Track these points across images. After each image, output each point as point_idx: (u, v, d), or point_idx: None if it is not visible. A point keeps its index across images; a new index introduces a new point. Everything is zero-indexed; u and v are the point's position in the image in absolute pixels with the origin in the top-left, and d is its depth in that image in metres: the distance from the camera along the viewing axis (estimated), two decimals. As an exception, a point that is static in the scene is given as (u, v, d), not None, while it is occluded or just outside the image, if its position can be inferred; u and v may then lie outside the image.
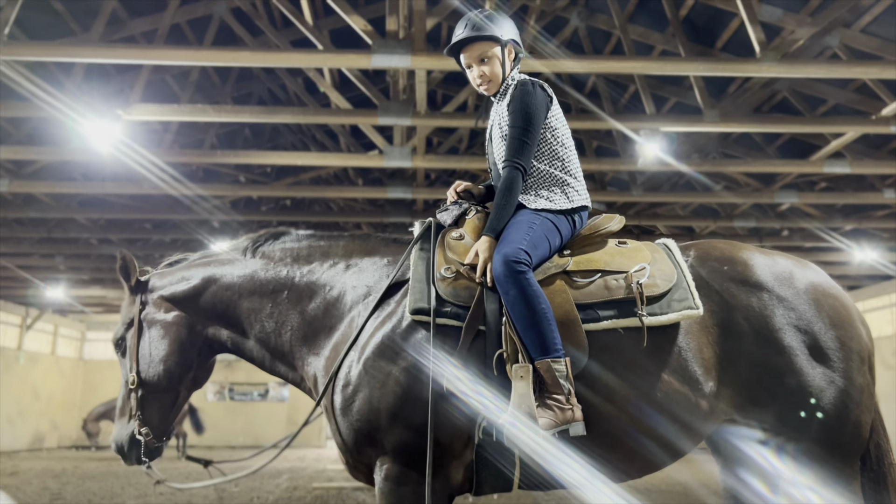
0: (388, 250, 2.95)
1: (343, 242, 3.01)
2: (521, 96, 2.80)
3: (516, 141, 2.76)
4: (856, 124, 9.11)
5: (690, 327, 2.63)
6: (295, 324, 2.86)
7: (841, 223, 13.67)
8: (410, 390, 2.52)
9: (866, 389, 2.70)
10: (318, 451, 23.91)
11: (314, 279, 2.91)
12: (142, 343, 2.94)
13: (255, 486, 12.15)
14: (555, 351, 2.45)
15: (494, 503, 9.65)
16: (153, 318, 2.98)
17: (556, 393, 2.43)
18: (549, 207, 2.77)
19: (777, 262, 2.83)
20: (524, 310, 2.46)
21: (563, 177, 2.83)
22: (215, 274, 3.01)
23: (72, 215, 12.94)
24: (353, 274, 2.88)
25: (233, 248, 3.10)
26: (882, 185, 12.05)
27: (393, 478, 2.52)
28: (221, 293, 2.96)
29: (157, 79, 10.82)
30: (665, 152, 9.56)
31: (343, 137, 11.83)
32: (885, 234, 15.20)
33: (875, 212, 13.85)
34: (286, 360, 2.91)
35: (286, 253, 3.00)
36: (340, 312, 2.81)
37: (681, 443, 2.65)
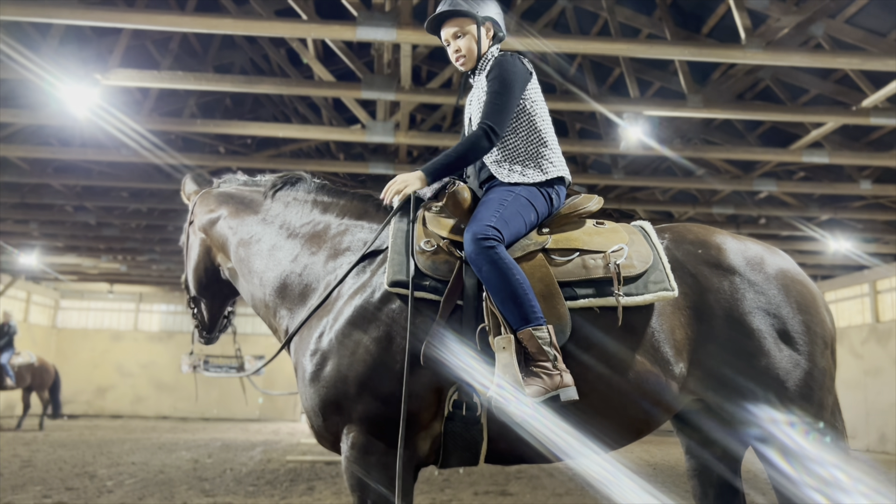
0: (378, 217, 2.97)
1: (343, 201, 3.07)
2: (499, 66, 2.82)
3: (490, 105, 2.77)
4: (836, 114, 9.19)
5: (664, 309, 2.66)
6: (278, 275, 2.93)
7: (817, 213, 13.83)
8: (381, 360, 2.53)
9: (828, 373, 2.78)
10: (293, 425, 23.97)
11: (309, 236, 2.97)
12: (189, 249, 3.40)
13: (229, 458, 12.16)
14: (535, 319, 2.46)
15: (462, 477, 9.75)
16: (192, 234, 3.38)
17: (541, 360, 2.45)
18: (521, 181, 2.78)
19: (749, 247, 2.87)
20: (499, 283, 2.48)
21: (539, 149, 2.85)
22: (229, 211, 3.23)
23: (47, 181, 12.74)
24: (338, 236, 2.90)
25: (259, 185, 3.28)
26: (859, 176, 12.20)
27: (359, 447, 2.53)
28: (225, 230, 3.20)
29: (137, 44, 10.61)
30: (648, 136, 9.58)
31: (325, 111, 11.70)
32: (859, 225, 15.41)
33: (851, 202, 14.03)
34: (267, 308, 3.00)
35: (293, 202, 3.11)
36: (318, 274, 2.83)
37: (648, 421, 2.70)
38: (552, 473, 10.65)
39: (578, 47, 7.62)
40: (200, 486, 8.68)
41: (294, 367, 2.76)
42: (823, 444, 2.63)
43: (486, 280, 2.52)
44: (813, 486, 2.56)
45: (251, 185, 3.30)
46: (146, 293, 28.38)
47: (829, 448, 2.63)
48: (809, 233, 14.75)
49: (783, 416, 2.62)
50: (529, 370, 2.46)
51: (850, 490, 2.57)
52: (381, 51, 8.34)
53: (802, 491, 2.57)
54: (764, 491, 8.56)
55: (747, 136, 12.45)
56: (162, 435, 17.61)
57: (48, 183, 13.20)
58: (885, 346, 18.73)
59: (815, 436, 2.63)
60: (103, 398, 26.70)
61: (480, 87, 2.90)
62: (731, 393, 2.65)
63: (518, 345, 2.49)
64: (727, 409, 2.67)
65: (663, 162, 13.50)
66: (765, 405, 2.62)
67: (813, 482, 2.57)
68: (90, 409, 26.57)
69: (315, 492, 8.32)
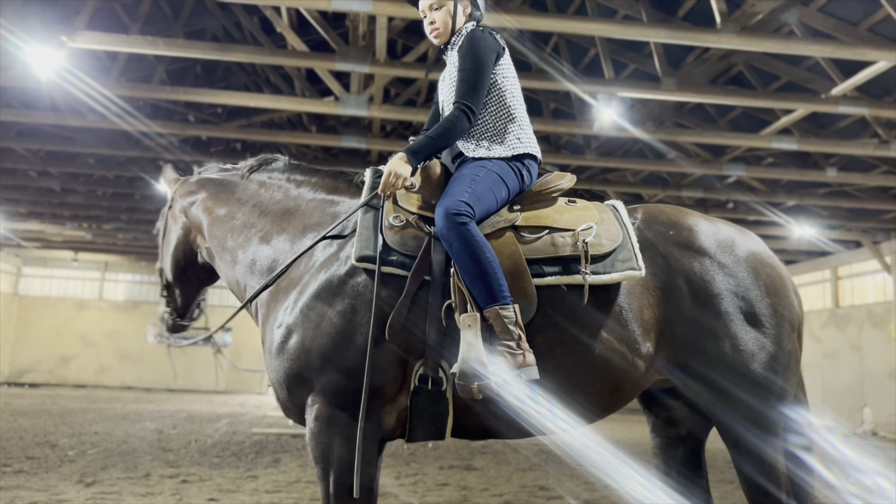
0: (349, 192, 2.95)
1: (315, 178, 3.06)
2: (470, 41, 2.81)
3: (464, 83, 2.76)
4: (806, 101, 9.32)
5: (633, 288, 2.68)
6: (248, 251, 2.94)
7: (784, 199, 14.07)
8: (345, 333, 2.53)
9: (793, 356, 2.82)
10: (259, 398, 23.93)
11: (282, 213, 2.97)
12: (165, 236, 3.34)
13: (194, 430, 12.12)
14: (502, 298, 2.47)
15: (428, 451, 9.83)
16: (171, 219, 3.33)
17: (506, 339, 2.46)
18: (489, 156, 2.77)
19: (720, 229, 2.90)
20: (469, 261, 2.48)
21: (507, 125, 2.84)
22: (208, 193, 3.20)
23: (9, 145, 12.42)
24: (307, 213, 2.90)
25: (238, 168, 3.28)
26: (826, 164, 12.42)
27: (323, 418, 2.53)
28: (201, 210, 3.19)
29: (105, 6, 10.34)
30: (621, 118, 9.63)
31: (298, 82, 11.55)
32: (824, 212, 15.72)
33: (817, 189, 14.29)
34: (238, 285, 3.01)
35: (269, 182, 3.11)
36: (285, 249, 2.84)
37: (614, 399, 2.73)
38: (517, 449, 10.79)
39: (555, 26, 7.60)
40: (164, 457, 8.63)
41: (262, 339, 2.75)
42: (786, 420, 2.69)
43: (455, 256, 2.52)
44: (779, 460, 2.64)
45: (230, 169, 3.31)
46: (112, 262, 27.97)
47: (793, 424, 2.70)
48: (775, 218, 15.01)
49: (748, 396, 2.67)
50: (494, 348, 2.48)
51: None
52: (356, 22, 8.24)
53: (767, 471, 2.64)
54: (722, 469, 8.78)
55: (719, 121, 12.58)
56: (126, 405, 17.46)
57: (11, 147, 12.88)
58: (844, 331, 19.22)
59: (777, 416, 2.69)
60: (66, 368, 26.36)
61: (452, 62, 2.89)
62: (697, 373, 2.69)
63: (484, 322, 2.50)
64: (692, 388, 2.71)
65: (635, 144, 13.59)
66: (729, 385, 2.66)
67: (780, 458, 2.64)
68: (52, 378, 26.23)
69: (280, 464, 8.33)
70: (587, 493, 7.14)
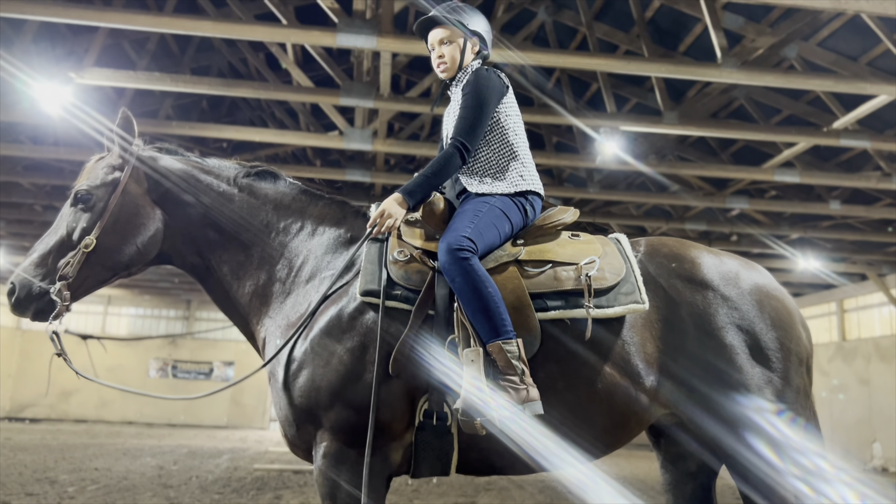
0: (355, 224, 2.93)
1: (321, 205, 2.98)
2: (475, 80, 2.84)
3: (463, 121, 2.78)
4: (808, 135, 9.35)
5: (635, 321, 2.67)
6: (258, 278, 2.84)
7: (787, 231, 14.05)
8: (353, 370, 2.52)
9: (803, 391, 2.77)
10: (261, 433, 23.72)
11: (285, 239, 2.88)
12: (115, 210, 2.81)
13: (195, 466, 11.99)
14: (505, 333, 2.46)
15: (432, 488, 9.70)
16: (135, 194, 2.86)
17: (509, 374, 2.44)
18: (492, 192, 2.78)
19: (724, 262, 2.88)
20: (471, 295, 2.47)
21: (510, 163, 2.86)
22: (199, 197, 2.91)
23: (16, 179, 12.50)
24: (317, 243, 2.86)
25: (220, 168, 3.02)
26: (829, 197, 12.42)
27: (332, 456, 2.52)
28: (197, 216, 2.89)
29: (114, 44, 10.49)
30: (623, 151, 9.67)
31: (303, 116, 11.66)
32: (828, 245, 15.68)
33: (821, 222, 14.27)
34: (243, 311, 2.88)
35: (269, 197, 2.97)
36: (299, 280, 2.79)
37: (618, 435, 2.70)
38: (522, 486, 10.64)
39: (557, 61, 7.67)
40: (165, 493, 8.53)
41: (268, 374, 2.72)
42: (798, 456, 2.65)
43: (458, 291, 2.52)
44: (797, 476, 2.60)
45: (213, 172, 3.00)
46: (115, 296, 27.94)
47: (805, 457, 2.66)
48: (780, 251, 14.97)
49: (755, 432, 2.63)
50: (497, 383, 2.46)
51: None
52: (360, 58, 8.33)
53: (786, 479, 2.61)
54: (731, 506, 8.62)
55: (721, 154, 12.63)
56: (127, 440, 17.31)
57: (17, 181, 12.97)
58: (851, 364, 19.04)
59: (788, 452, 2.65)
60: (67, 402, 26.19)
61: (456, 99, 2.92)
62: (703, 408, 2.66)
63: (487, 357, 2.49)
64: (698, 423, 2.67)
65: (638, 177, 13.63)
66: (735, 420, 2.63)
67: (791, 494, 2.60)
68: (53, 412, 26.05)
69: (282, 501, 8.22)
70: (593, 530, 7.02)
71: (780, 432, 2.66)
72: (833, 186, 12.41)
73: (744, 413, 2.64)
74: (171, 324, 28.59)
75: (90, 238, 2.74)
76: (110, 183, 2.85)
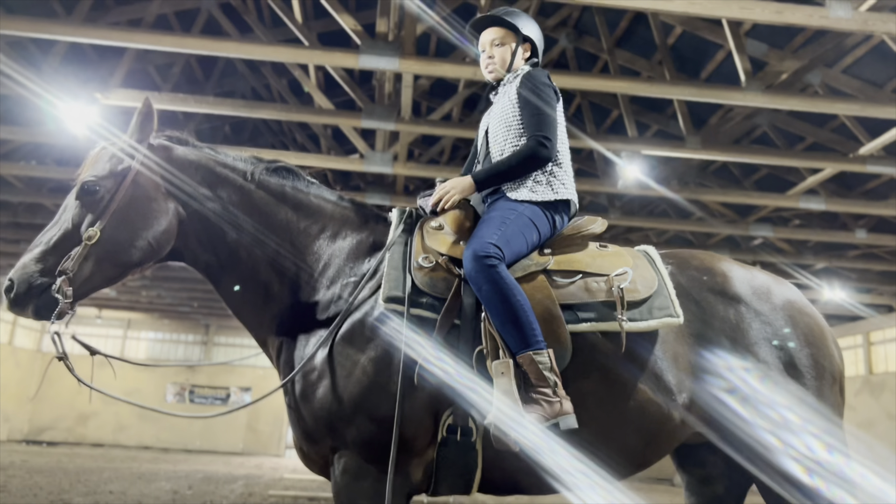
0: (376, 230, 2.80)
1: (342, 207, 2.84)
2: (538, 77, 2.78)
3: (538, 117, 2.69)
4: (833, 160, 9.22)
5: (667, 336, 2.57)
6: (275, 281, 2.66)
7: (812, 261, 13.84)
8: (377, 381, 2.41)
9: (836, 409, 2.68)
10: (277, 460, 23.54)
11: (306, 241, 2.72)
12: (124, 203, 2.58)
13: (210, 490, 11.87)
14: (536, 343, 2.36)
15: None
16: (146, 186, 2.63)
17: (541, 386, 2.33)
18: (530, 199, 2.68)
19: (755, 276, 2.81)
20: (499, 304, 2.38)
21: (553, 168, 2.77)
22: (216, 191, 2.72)
23: (41, 200, 12.62)
24: (339, 247, 2.72)
25: (238, 162, 2.82)
26: (855, 226, 12.23)
27: (352, 472, 2.40)
28: (213, 211, 2.69)
29: (139, 68, 10.64)
30: (645, 175, 9.60)
31: (324, 140, 11.72)
32: (853, 275, 15.42)
33: (846, 251, 14.05)
34: (258, 315, 2.70)
35: (289, 195, 2.79)
36: (320, 285, 2.65)
37: (648, 454, 2.59)
38: (540, 516, 10.40)
39: (579, 84, 7.65)
40: (179, 516, 8.42)
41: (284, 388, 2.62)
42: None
43: (485, 300, 2.42)
44: None
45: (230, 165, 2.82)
46: (134, 320, 28.09)
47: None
48: (804, 280, 14.74)
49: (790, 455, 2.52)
50: (529, 396, 2.35)
51: None
52: (382, 81, 8.36)
53: None
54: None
55: (743, 182, 12.51)
56: (142, 465, 17.23)
57: (42, 202, 13.10)
58: (878, 399, 18.60)
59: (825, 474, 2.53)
60: (85, 426, 26.21)
61: (509, 98, 2.84)
62: (734, 427, 2.55)
63: (517, 369, 2.39)
64: (730, 443, 2.57)
65: (658, 205, 13.53)
66: (769, 440, 2.52)
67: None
68: (71, 436, 26.07)
69: (297, 526, 8.08)
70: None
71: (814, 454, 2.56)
72: (859, 215, 12.22)
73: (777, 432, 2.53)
74: (189, 348, 28.64)
75: (94, 230, 2.52)
76: (119, 173, 2.63)
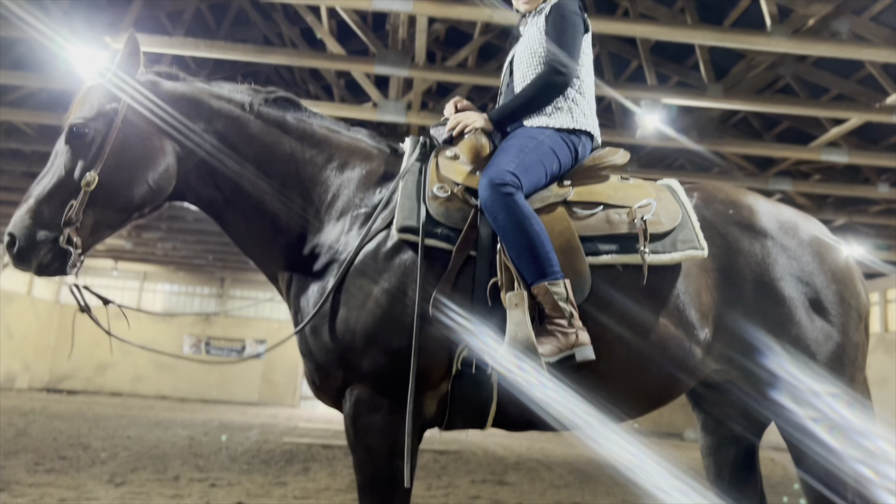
0: (388, 160, 2.69)
1: (350, 136, 2.71)
2: (567, 5, 2.65)
3: (559, 43, 2.58)
4: (858, 110, 8.98)
5: (690, 270, 2.49)
6: (282, 213, 2.56)
7: (832, 216, 13.64)
8: (391, 314, 2.34)
9: (861, 348, 2.63)
10: (292, 411, 23.90)
11: (313, 171, 2.61)
12: (118, 144, 2.45)
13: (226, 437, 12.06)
14: (552, 273, 2.28)
15: (460, 465, 9.61)
16: (138, 125, 2.50)
17: (556, 317, 2.27)
18: (549, 125, 2.59)
19: (782, 210, 2.71)
20: (515, 233, 2.30)
21: (575, 96, 2.66)
22: (213, 124, 2.58)
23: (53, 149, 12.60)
24: (348, 178, 2.61)
25: (234, 93, 2.67)
26: (877, 180, 11.99)
27: (364, 403, 2.35)
28: (212, 146, 2.56)
29: (150, 15, 10.49)
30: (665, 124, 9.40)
31: (337, 90, 11.56)
32: (872, 231, 15.21)
33: (868, 207, 13.82)
34: (265, 249, 2.61)
35: (291, 125, 2.65)
36: (330, 216, 2.56)
37: (668, 389, 2.53)
38: (550, 467, 10.52)
39: (599, 27, 7.40)
40: (195, 461, 8.55)
41: (293, 315, 2.57)
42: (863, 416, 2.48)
43: (500, 229, 2.34)
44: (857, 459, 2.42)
45: (225, 97, 2.66)
46: (151, 272, 28.34)
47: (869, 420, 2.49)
48: (823, 236, 14.53)
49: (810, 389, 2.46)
50: (543, 328, 2.29)
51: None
52: (395, 25, 8.17)
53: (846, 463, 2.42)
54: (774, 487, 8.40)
55: (764, 136, 12.25)
56: (160, 413, 17.54)
57: (55, 152, 13.07)
58: (892, 357, 18.51)
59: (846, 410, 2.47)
60: (103, 375, 26.68)
61: (536, 26, 2.72)
62: (757, 363, 2.49)
63: (532, 300, 2.32)
64: (752, 380, 2.50)
65: (676, 159, 13.31)
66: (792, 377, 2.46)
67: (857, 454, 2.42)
68: (90, 385, 26.57)
69: (310, 472, 8.19)
70: (626, 510, 6.86)
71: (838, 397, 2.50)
72: (882, 169, 11.97)
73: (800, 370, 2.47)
74: (204, 301, 28.92)
75: (92, 174, 2.37)
76: (108, 113, 2.46)
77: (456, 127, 2.62)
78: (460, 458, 10.76)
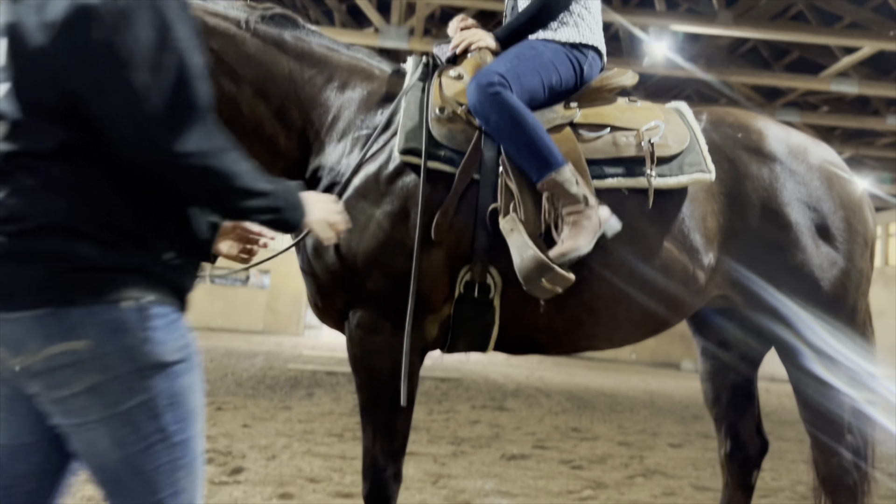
0: (390, 80, 2.61)
1: (351, 55, 2.63)
2: None
3: None
4: (871, 39, 8.77)
5: (697, 194, 2.47)
6: (281, 135, 2.50)
7: (839, 148, 13.49)
8: (393, 236, 2.32)
9: (866, 275, 2.65)
10: (296, 339, 24.23)
11: (312, 91, 2.53)
12: None
13: (231, 364, 12.26)
14: (555, 162, 2.24)
15: (461, 392, 9.80)
16: None
17: (571, 205, 2.23)
18: (550, 37, 2.52)
19: (792, 135, 2.68)
20: (511, 130, 2.26)
21: (581, 11, 2.59)
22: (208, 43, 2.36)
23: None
24: (349, 98, 2.54)
25: (229, 10, 2.54)
26: (886, 111, 11.82)
27: (366, 326, 2.37)
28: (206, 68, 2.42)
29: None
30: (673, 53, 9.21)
31: (338, 14, 11.29)
32: (878, 165, 15.09)
33: (876, 139, 13.66)
34: (265, 172, 2.58)
35: (289, 44, 2.54)
36: (330, 138, 2.50)
37: (670, 314, 2.54)
38: (549, 394, 10.72)
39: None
40: (201, 386, 8.72)
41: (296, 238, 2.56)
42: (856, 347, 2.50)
43: (495, 131, 2.29)
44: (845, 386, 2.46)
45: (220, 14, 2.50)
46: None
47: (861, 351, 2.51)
48: (828, 169, 14.44)
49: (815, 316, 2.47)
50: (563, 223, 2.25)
51: (882, 390, 2.46)
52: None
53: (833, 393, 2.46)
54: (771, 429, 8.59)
55: (773, 66, 12.01)
56: None
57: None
58: (892, 290, 18.64)
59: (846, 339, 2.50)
60: (108, 304, 26.97)
61: None
62: (761, 288, 2.49)
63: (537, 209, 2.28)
64: (755, 305, 2.52)
65: (683, 89, 13.09)
66: (796, 303, 2.47)
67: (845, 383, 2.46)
68: (95, 313, 26.88)
69: (314, 397, 8.36)
70: (620, 435, 7.02)
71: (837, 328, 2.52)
72: (892, 100, 11.78)
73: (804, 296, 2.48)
74: (206, 231, 28.93)
75: None
76: None
77: (460, 45, 2.54)
78: (461, 384, 10.96)
